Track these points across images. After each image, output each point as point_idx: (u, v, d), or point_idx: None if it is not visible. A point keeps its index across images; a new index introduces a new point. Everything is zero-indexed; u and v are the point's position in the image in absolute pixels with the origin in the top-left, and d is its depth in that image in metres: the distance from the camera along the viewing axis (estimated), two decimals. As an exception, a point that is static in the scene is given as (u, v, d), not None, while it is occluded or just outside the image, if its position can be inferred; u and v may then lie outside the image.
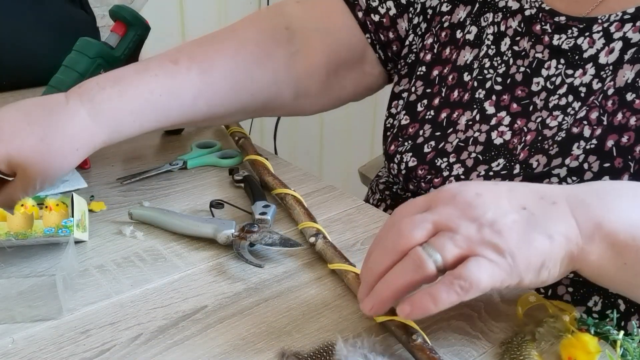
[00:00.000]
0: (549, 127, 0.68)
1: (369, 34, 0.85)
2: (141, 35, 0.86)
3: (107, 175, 0.83)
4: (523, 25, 0.72)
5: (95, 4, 1.29)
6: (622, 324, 0.67)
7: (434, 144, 0.75)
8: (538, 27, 0.70)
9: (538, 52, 0.70)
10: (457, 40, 0.77)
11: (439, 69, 0.78)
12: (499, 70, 0.73)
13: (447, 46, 0.78)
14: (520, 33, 0.72)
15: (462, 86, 0.75)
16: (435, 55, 0.79)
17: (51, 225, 0.63)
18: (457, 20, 0.78)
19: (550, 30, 0.69)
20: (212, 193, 0.79)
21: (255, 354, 0.52)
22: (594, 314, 0.67)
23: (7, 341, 0.53)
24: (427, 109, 0.78)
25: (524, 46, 0.71)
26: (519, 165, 0.69)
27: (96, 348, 0.53)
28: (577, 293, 0.67)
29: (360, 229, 0.71)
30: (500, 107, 0.72)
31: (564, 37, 0.69)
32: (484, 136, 0.72)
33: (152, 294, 0.60)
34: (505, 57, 0.73)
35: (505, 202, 0.50)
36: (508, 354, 0.52)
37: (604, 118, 0.64)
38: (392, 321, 0.53)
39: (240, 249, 0.64)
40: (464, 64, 0.76)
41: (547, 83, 0.69)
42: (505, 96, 0.72)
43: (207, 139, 0.93)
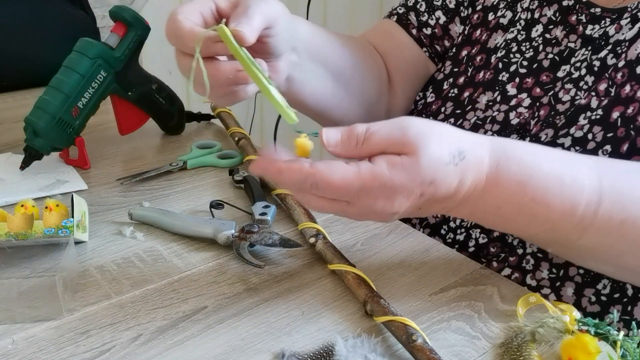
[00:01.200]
0: (562, 102, 0.69)
1: (425, 48, 0.87)
2: (141, 35, 0.86)
3: (107, 175, 0.83)
4: (558, 14, 0.73)
5: (95, 4, 1.28)
6: (629, 309, 0.67)
7: (452, 121, 0.77)
8: (574, 18, 0.72)
9: (571, 41, 0.72)
10: (488, 22, 0.79)
11: (468, 49, 0.80)
12: (526, 55, 0.74)
13: (478, 28, 0.79)
14: (554, 22, 0.73)
15: (487, 66, 0.77)
16: (465, 36, 0.81)
17: (51, 225, 0.63)
18: (490, 4, 0.79)
19: (585, 21, 0.71)
20: (212, 193, 0.79)
21: (255, 354, 0.52)
22: (602, 296, 0.67)
23: (7, 342, 0.53)
24: (451, 87, 0.79)
25: (557, 34, 0.73)
26: (529, 138, 0.70)
27: (96, 348, 0.53)
28: (587, 275, 0.67)
29: (360, 229, 0.71)
30: (522, 89, 0.73)
31: (597, 27, 0.70)
32: (502, 116, 0.73)
33: (152, 294, 0.59)
34: (534, 43, 0.74)
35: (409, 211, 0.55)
36: (508, 354, 0.52)
37: (612, 89, 0.65)
38: (392, 322, 0.53)
39: (240, 250, 0.64)
40: (494, 47, 0.77)
41: (572, 69, 0.71)
42: (529, 79, 0.73)
43: (207, 140, 0.93)
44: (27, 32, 1.15)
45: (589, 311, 0.68)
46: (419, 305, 0.59)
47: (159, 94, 0.92)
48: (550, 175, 0.56)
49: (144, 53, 0.89)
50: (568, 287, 0.69)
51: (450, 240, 0.76)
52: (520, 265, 0.71)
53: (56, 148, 0.83)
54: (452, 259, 0.66)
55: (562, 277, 0.69)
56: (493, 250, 0.73)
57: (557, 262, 0.68)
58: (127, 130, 0.91)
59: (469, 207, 0.56)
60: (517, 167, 0.55)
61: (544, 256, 0.69)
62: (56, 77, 0.82)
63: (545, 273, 0.69)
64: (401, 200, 0.53)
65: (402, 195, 0.52)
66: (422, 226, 0.78)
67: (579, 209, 0.55)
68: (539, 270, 0.70)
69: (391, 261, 0.65)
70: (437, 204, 0.55)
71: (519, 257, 0.71)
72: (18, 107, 1.06)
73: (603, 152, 0.65)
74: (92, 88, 0.83)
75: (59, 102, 0.81)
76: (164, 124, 0.95)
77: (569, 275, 0.68)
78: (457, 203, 0.55)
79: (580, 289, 0.68)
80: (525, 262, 0.70)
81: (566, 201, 0.55)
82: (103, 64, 0.83)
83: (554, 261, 0.68)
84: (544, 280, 0.69)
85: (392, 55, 0.88)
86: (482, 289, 0.61)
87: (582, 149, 0.66)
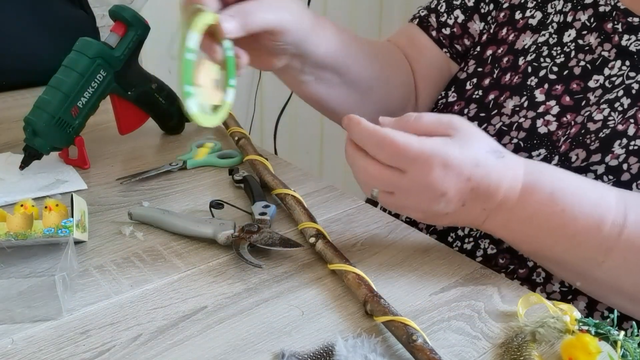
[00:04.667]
0: (594, 121, 0.67)
1: (446, 49, 0.86)
2: (141, 35, 0.86)
3: (107, 175, 0.83)
4: (593, 20, 0.70)
5: (95, 4, 1.28)
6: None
7: (476, 124, 0.74)
8: (610, 26, 0.69)
9: (605, 50, 0.69)
10: (515, 22, 0.76)
11: (493, 48, 0.78)
12: (556, 60, 0.72)
13: (504, 26, 0.77)
14: (589, 28, 0.70)
15: (515, 70, 0.74)
16: (491, 35, 0.78)
17: (51, 225, 0.63)
18: (517, 2, 0.77)
19: (622, 30, 0.68)
20: (211, 193, 0.79)
21: (255, 354, 0.52)
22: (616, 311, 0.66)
23: (6, 342, 0.53)
24: (475, 89, 0.77)
25: (590, 41, 0.70)
26: (558, 157, 0.68)
27: (96, 348, 0.53)
28: None
29: (360, 229, 0.71)
30: (551, 96, 0.71)
31: (634, 38, 0.67)
32: (528, 122, 0.71)
33: (152, 294, 0.59)
34: (566, 49, 0.71)
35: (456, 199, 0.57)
36: (508, 354, 0.52)
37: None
38: (392, 321, 0.53)
39: (240, 250, 0.64)
40: (522, 49, 0.75)
41: (606, 82, 0.68)
42: (558, 86, 0.71)
43: (207, 139, 0.93)
44: (27, 32, 1.15)
45: None
46: (419, 305, 0.58)
47: (159, 94, 0.91)
48: (580, 190, 0.58)
49: (143, 53, 0.89)
50: (580, 300, 0.68)
51: (457, 248, 0.75)
52: (530, 278, 0.70)
53: (56, 148, 0.83)
54: (452, 259, 0.66)
55: (574, 291, 0.67)
56: (502, 262, 0.72)
57: None
58: (126, 129, 0.91)
59: (505, 214, 0.58)
60: (550, 179, 0.58)
61: None
62: (56, 76, 0.82)
63: (557, 286, 0.68)
64: (452, 177, 0.55)
65: (453, 172, 0.55)
66: (429, 232, 0.77)
67: (605, 226, 0.57)
68: (549, 283, 0.69)
69: (391, 261, 0.65)
70: (479, 201, 0.58)
71: (529, 270, 0.70)
72: (18, 107, 1.06)
73: (638, 185, 0.63)
74: (91, 87, 0.83)
75: (59, 101, 0.80)
76: (163, 123, 0.95)
77: (580, 290, 0.66)
78: (495, 205, 0.58)
79: (592, 303, 0.67)
80: (535, 274, 0.69)
81: (594, 216, 0.57)
82: (103, 63, 0.83)
83: None
84: (555, 294, 0.68)
85: (415, 59, 0.88)
86: (482, 289, 0.61)
87: (615, 179, 0.64)
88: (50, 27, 1.17)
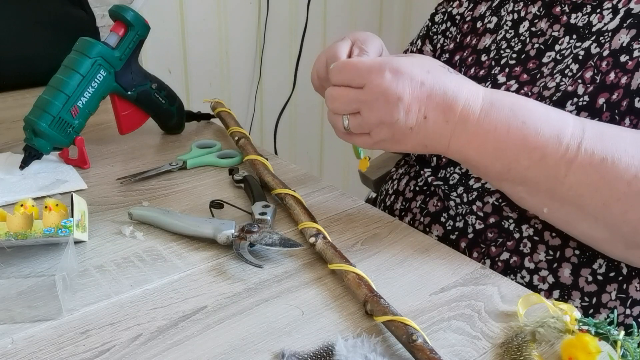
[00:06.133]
0: (548, 89, 0.71)
1: None
2: (141, 35, 0.86)
3: (107, 175, 0.83)
4: (542, 9, 0.76)
5: (95, 4, 1.28)
6: (625, 287, 0.69)
7: None
8: (558, 9, 0.74)
9: (555, 30, 0.74)
10: (477, 29, 0.83)
11: (460, 53, 0.83)
12: (515, 48, 0.77)
13: (468, 35, 0.83)
14: (539, 16, 0.76)
15: (479, 65, 0.79)
16: (457, 44, 0.84)
17: (51, 225, 0.63)
18: (478, 14, 0.84)
19: (568, 10, 0.73)
20: (211, 193, 0.79)
21: (255, 354, 0.52)
22: (599, 275, 0.69)
23: (6, 341, 0.53)
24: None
25: (541, 26, 0.75)
26: None
27: (96, 348, 0.53)
28: (583, 255, 0.69)
29: (360, 229, 0.71)
30: (511, 77, 0.76)
31: (580, 14, 0.72)
32: None
33: (152, 294, 0.59)
34: (522, 37, 0.77)
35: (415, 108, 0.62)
36: (508, 354, 0.52)
37: (597, 77, 0.67)
38: (392, 321, 0.53)
39: (240, 249, 0.64)
40: (483, 48, 0.81)
41: (557, 55, 0.73)
42: (517, 68, 0.75)
43: (207, 139, 0.93)
44: (27, 32, 1.15)
45: (586, 291, 0.70)
46: (419, 305, 0.58)
47: (159, 94, 0.91)
48: (539, 107, 0.63)
49: (143, 52, 0.89)
50: (565, 268, 0.70)
51: (450, 227, 0.78)
52: (518, 249, 0.73)
53: (56, 147, 0.83)
54: (452, 259, 0.66)
55: (559, 259, 0.70)
56: (491, 236, 0.74)
57: (554, 244, 0.71)
58: (126, 129, 0.91)
59: (469, 129, 0.62)
60: (509, 97, 0.64)
61: (540, 239, 0.71)
62: (56, 76, 0.82)
63: (543, 255, 0.71)
64: (404, 80, 0.61)
65: (405, 76, 0.61)
66: (423, 215, 0.80)
67: (565, 138, 0.60)
68: (536, 252, 0.71)
69: (391, 261, 0.65)
70: (440, 111, 0.62)
71: (516, 241, 0.73)
72: (18, 107, 1.06)
73: None
74: (91, 87, 0.83)
75: (59, 101, 0.81)
76: (163, 123, 0.95)
77: (565, 257, 0.70)
78: (457, 117, 0.62)
79: (577, 270, 0.70)
80: (522, 245, 0.72)
81: (554, 129, 0.61)
82: (103, 63, 0.83)
83: (550, 243, 0.71)
84: (541, 263, 0.71)
85: None
86: (482, 288, 0.61)
87: None
88: (50, 27, 1.17)
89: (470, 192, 0.76)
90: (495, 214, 0.74)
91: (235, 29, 1.69)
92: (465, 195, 0.76)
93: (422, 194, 0.82)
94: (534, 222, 0.71)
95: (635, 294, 0.69)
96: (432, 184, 0.80)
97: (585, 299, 0.70)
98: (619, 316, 0.70)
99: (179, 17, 1.57)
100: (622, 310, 0.69)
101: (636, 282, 0.69)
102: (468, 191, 0.76)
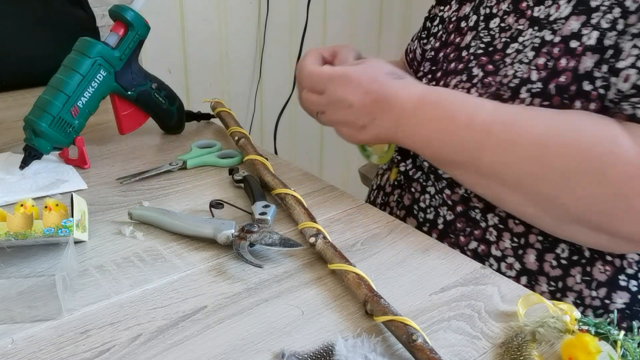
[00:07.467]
0: (507, 76, 0.74)
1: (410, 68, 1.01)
2: (141, 35, 0.86)
3: (106, 174, 0.83)
4: (511, 6, 0.79)
5: (95, 4, 1.28)
6: (589, 269, 0.72)
7: None
8: (524, 4, 0.77)
9: (520, 24, 0.77)
10: (461, 29, 0.86)
11: (444, 50, 0.87)
12: (484, 39, 0.80)
13: (452, 33, 0.87)
14: (508, 12, 0.79)
15: (460, 60, 0.83)
16: (442, 42, 0.88)
17: (51, 225, 0.63)
18: (462, 15, 0.87)
19: (532, 4, 0.76)
20: (212, 193, 0.79)
21: (255, 354, 0.52)
22: (562, 259, 0.72)
23: (6, 341, 0.53)
24: (429, 81, 0.87)
25: (509, 22, 0.78)
26: None
27: (96, 348, 0.53)
28: (546, 241, 0.73)
29: (360, 229, 0.71)
30: (479, 67, 0.80)
31: (542, 7, 0.75)
32: (465, 92, 0.80)
33: (152, 294, 0.59)
34: (492, 32, 0.80)
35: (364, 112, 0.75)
36: (508, 354, 0.52)
37: (550, 63, 0.70)
38: (392, 321, 0.53)
39: (240, 249, 0.64)
40: (464, 45, 0.84)
41: (520, 46, 0.76)
42: (484, 58, 0.79)
43: (207, 139, 0.93)
44: (27, 32, 1.15)
45: (552, 275, 0.73)
46: (419, 305, 0.58)
47: (159, 93, 0.92)
48: (460, 97, 0.73)
49: (143, 52, 0.89)
50: (530, 254, 0.74)
51: (422, 219, 0.82)
52: (484, 237, 0.76)
53: (56, 147, 0.83)
54: (452, 259, 0.66)
55: (524, 245, 0.74)
56: (459, 226, 0.78)
57: (518, 231, 0.74)
58: (126, 129, 0.91)
59: (407, 123, 0.73)
60: (439, 92, 0.75)
61: (505, 227, 0.75)
62: (56, 76, 0.82)
63: (508, 242, 0.75)
64: (352, 90, 0.74)
65: (352, 86, 0.74)
66: (399, 208, 0.86)
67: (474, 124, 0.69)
68: (501, 240, 0.75)
69: (391, 261, 0.65)
70: (385, 113, 0.73)
71: (483, 230, 0.76)
72: (18, 107, 1.06)
73: None
74: (91, 87, 0.83)
75: (59, 101, 0.81)
76: (163, 123, 0.95)
77: (529, 243, 0.74)
78: (397, 115, 0.73)
79: (541, 255, 0.73)
80: (488, 233, 0.76)
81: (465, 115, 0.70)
82: (103, 63, 0.83)
83: (514, 231, 0.74)
84: (507, 250, 0.75)
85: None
86: (482, 288, 0.61)
87: None
88: (50, 27, 1.17)
89: (440, 181, 0.80)
90: (462, 203, 0.78)
91: (235, 29, 1.69)
92: (437, 184, 0.81)
93: (400, 188, 0.87)
94: (499, 211, 0.75)
95: (600, 275, 0.71)
96: (413, 177, 0.84)
97: (551, 283, 0.73)
98: (585, 298, 0.72)
99: (179, 17, 1.57)
100: (588, 292, 0.72)
101: (599, 264, 0.71)
102: (438, 179, 0.80)
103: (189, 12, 1.58)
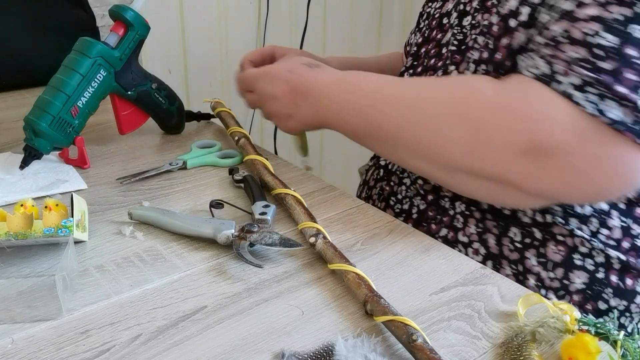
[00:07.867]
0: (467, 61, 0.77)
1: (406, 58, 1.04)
2: (141, 35, 0.86)
3: (106, 174, 0.83)
4: (480, 3, 0.81)
5: (95, 4, 1.28)
6: (543, 251, 0.74)
7: None
8: (489, 3, 0.78)
9: (485, 19, 0.78)
10: (443, 25, 0.88)
11: (426, 46, 0.89)
12: (457, 37, 0.82)
13: (434, 30, 0.89)
14: (478, 10, 0.81)
15: (439, 57, 0.85)
16: (425, 38, 0.91)
17: (51, 225, 0.63)
18: (445, 11, 0.89)
19: (497, 2, 0.77)
20: (212, 193, 0.79)
21: (255, 354, 0.52)
22: (517, 243, 0.75)
23: (6, 341, 0.53)
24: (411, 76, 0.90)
25: (479, 19, 0.80)
26: None
27: (96, 348, 0.53)
28: (499, 225, 0.76)
29: (360, 229, 0.71)
30: (455, 65, 0.82)
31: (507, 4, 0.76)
32: None
33: (152, 294, 0.59)
34: (464, 30, 0.82)
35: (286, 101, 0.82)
36: (508, 354, 0.52)
37: (491, 42, 0.73)
38: (392, 321, 0.53)
39: (240, 249, 0.64)
40: (445, 42, 0.86)
41: None
42: (457, 56, 0.81)
43: (207, 139, 0.93)
44: (27, 32, 1.15)
45: (511, 259, 0.75)
46: (419, 305, 0.58)
47: (159, 93, 0.92)
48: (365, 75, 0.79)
49: (143, 52, 0.89)
50: (490, 238, 0.77)
51: (399, 210, 0.86)
52: (452, 224, 0.79)
53: (56, 147, 0.83)
54: (452, 259, 0.66)
55: (484, 230, 0.77)
56: (431, 214, 0.82)
57: (478, 217, 0.77)
58: (126, 129, 0.91)
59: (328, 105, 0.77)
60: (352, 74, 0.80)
61: (470, 214, 0.78)
62: (56, 76, 0.82)
63: (473, 229, 0.78)
64: (273, 82, 0.82)
65: (272, 78, 0.83)
66: (380, 200, 0.90)
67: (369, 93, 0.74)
68: (467, 226, 0.78)
69: (391, 261, 0.65)
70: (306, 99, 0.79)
71: (451, 218, 0.80)
72: (18, 107, 1.06)
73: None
74: (91, 87, 0.83)
75: (59, 101, 0.81)
76: (163, 123, 0.95)
77: (487, 228, 0.77)
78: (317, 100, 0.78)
79: (499, 239, 0.76)
80: (455, 220, 0.79)
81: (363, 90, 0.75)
82: (103, 63, 0.83)
83: (476, 216, 0.78)
84: (473, 235, 0.78)
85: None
86: (482, 288, 0.61)
87: None
88: (50, 27, 1.17)
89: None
90: (433, 192, 0.81)
91: (235, 29, 1.69)
92: (411, 175, 0.84)
93: (381, 181, 0.90)
94: (466, 199, 0.78)
95: (554, 256, 0.73)
96: (392, 170, 0.88)
97: (512, 266, 0.75)
98: (545, 280, 0.74)
99: (179, 17, 1.57)
100: (546, 274, 0.73)
101: (552, 245, 0.73)
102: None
103: (189, 12, 1.58)
